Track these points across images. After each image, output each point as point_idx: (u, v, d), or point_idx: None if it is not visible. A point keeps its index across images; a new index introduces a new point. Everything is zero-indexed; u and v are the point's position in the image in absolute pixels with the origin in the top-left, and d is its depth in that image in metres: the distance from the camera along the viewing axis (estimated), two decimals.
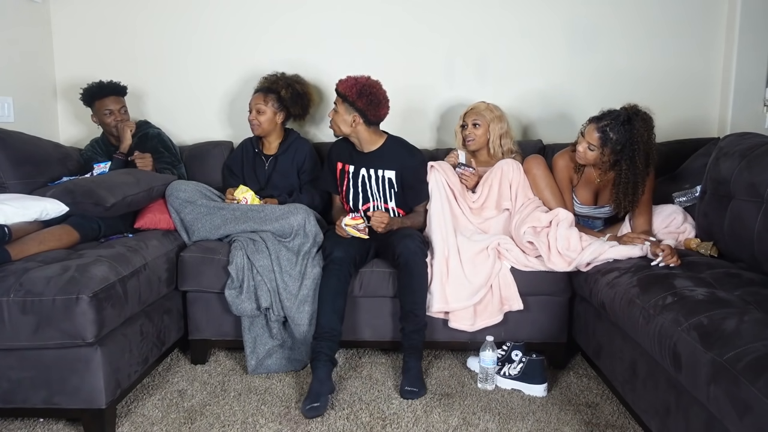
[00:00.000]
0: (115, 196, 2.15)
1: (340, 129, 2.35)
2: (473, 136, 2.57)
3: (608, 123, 2.15)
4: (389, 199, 2.42)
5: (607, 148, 2.16)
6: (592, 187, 2.38)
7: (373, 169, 2.40)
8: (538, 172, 2.36)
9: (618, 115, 2.16)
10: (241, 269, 2.21)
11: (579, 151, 2.25)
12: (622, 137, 2.13)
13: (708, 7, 2.88)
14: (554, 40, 2.93)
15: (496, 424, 1.89)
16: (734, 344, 1.30)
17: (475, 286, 2.21)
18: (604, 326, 2.02)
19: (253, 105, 2.63)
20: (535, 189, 2.38)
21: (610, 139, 2.14)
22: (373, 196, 2.43)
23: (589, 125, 2.21)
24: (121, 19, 2.99)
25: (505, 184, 2.37)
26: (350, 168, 2.44)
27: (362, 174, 2.42)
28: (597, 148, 2.18)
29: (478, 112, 2.57)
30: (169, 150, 2.71)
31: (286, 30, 2.97)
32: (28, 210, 2.03)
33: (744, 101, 2.84)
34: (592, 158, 2.22)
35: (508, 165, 2.39)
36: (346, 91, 2.27)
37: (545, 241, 2.19)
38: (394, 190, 2.41)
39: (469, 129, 2.58)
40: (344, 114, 2.30)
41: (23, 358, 1.73)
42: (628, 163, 2.16)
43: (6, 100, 2.68)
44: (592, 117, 2.23)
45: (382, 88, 2.33)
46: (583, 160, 2.26)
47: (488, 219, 2.41)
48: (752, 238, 1.86)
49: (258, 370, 2.22)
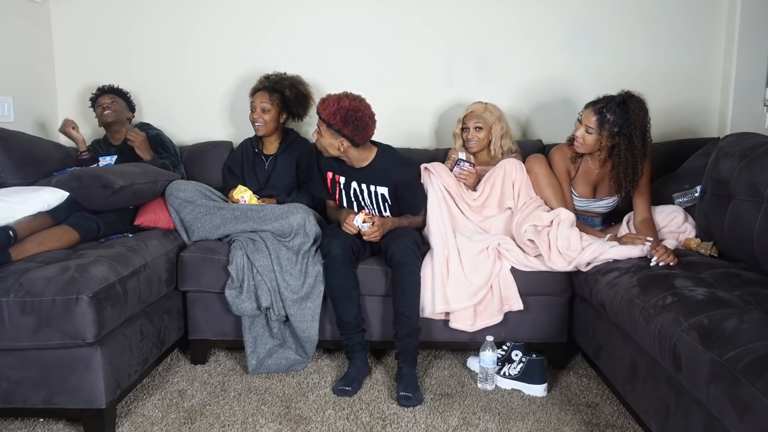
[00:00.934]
0: (123, 180, 2.15)
1: (328, 152, 2.24)
2: (476, 139, 2.56)
3: (604, 105, 2.21)
4: (384, 211, 2.38)
5: (605, 130, 2.21)
6: (591, 180, 2.40)
7: (365, 184, 2.32)
8: (540, 171, 2.37)
9: (613, 98, 2.22)
10: (241, 269, 2.21)
11: (577, 137, 2.28)
12: (619, 118, 2.18)
13: (708, 7, 2.88)
14: (554, 40, 2.93)
15: (496, 424, 1.89)
16: (734, 344, 1.30)
17: (475, 286, 2.20)
18: (604, 326, 2.02)
19: (257, 104, 2.62)
20: (536, 188, 2.38)
21: (608, 120, 2.19)
22: (367, 207, 2.39)
23: (586, 110, 2.27)
24: (121, 19, 2.99)
25: (507, 182, 2.37)
26: (341, 179, 2.38)
27: (353, 187, 2.35)
28: (595, 130, 2.22)
29: (478, 115, 2.56)
30: (168, 150, 2.71)
31: (286, 29, 2.97)
32: (28, 204, 2.03)
33: (744, 101, 2.85)
34: (591, 142, 2.25)
35: (510, 164, 2.38)
36: (330, 119, 2.13)
37: (546, 240, 2.19)
38: (388, 203, 2.36)
39: (471, 132, 2.56)
40: (330, 139, 2.19)
41: (23, 358, 1.73)
42: (626, 143, 2.20)
43: (6, 100, 2.68)
44: (588, 102, 2.29)
45: (366, 106, 2.20)
46: (582, 146, 2.28)
47: (489, 217, 2.40)
48: (752, 238, 1.86)
49: (258, 369, 2.22)
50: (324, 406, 1.99)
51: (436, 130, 3.03)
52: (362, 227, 2.23)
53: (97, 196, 2.14)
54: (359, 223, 2.23)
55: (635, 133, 2.18)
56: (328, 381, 2.19)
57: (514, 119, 2.94)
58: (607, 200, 2.41)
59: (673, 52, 2.91)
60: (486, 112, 2.57)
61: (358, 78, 2.95)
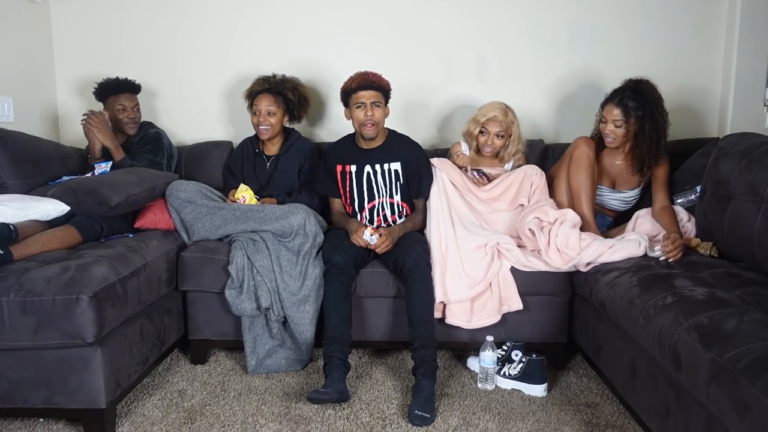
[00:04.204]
0: (119, 196, 2.14)
1: (379, 126, 2.39)
2: (494, 146, 2.49)
3: (621, 96, 2.27)
4: (395, 193, 2.44)
5: (631, 118, 2.26)
6: (612, 173, 2.45)
7: (378, 164, 2.43)
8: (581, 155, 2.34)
9: (624, 87, 2.30)
10: (241, 269, 2.21)
11: (608, 135, 2.32)
12: (640, 102, 2.25)
13: (708, 7, 2.88)
14: (555, 40, 2.93)
15: (496, 424, 1.89)
16: (734, 344, 1.30)
17: (472, 279, 2.20)
18: (604, 326, 2.02)
19: (262, 107, 2.58)
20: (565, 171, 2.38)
21: (631, 107, 2.25)
22: (379, 192, 2.44)
23: (606, 107, 2.31)
24: (121, 19, 2.99)
25: (526, 183, 2.39)
26: (352, 168, 2.45)
27: (367, 171, 2.44)
28: (623, 122, 2.27)
29: (500, 122, 2.45)
30: (156, 153, 2.64)
31: (287, 29, 2.97)
32: (29, 211, 2.03)
33: (744, 101, 2.84)
34: (622, 134, 2.30)
35: (532, 169, 2.42)
36: (387, 86, 2.39)
37: (546, 235, 2.21)
38: (400, 182, 2.43)
39: (491, 138, 2.47)
40: (385, 108, 2.39)
41: (23, 358, 1.73)
42: (650, 123, 2.26)
43: (6, 100, 2.68)
44: (603, 101, 2.35)
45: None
46: (615, 141, 2.32)
47: (497, 211, 2.41)
48: (752, 238, 1.86)
49: (258, 370, 2.22)
50: (324, 406, 1.99)
51: (437, 128, 3.03)
52: (370, 240, 2.24)
53: (94, 211, 2.15)
54: (368, 237, 2.24)
55: (657, 110, 2.27)
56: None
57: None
58: (626, 193, 2.43)
59: (673, 52, 2.91)
60: (508, 120, 2.47)
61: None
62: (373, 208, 2.45)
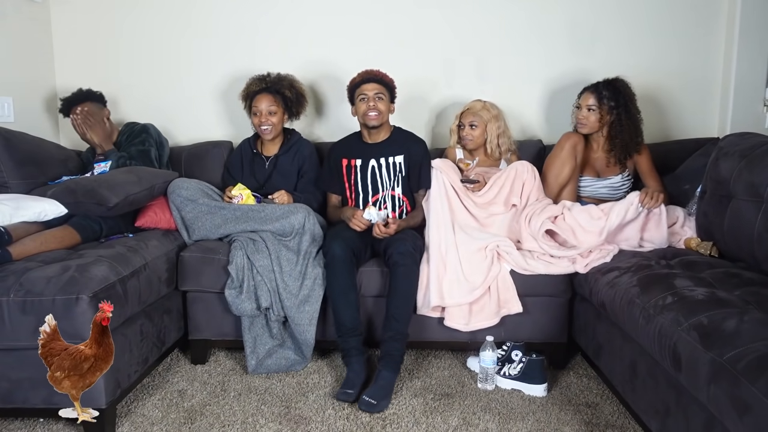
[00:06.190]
0: (117, 196, 2.13)
1: (384, 118, 2.47)
2: (470, 137, 2.59)
3: (596, 85, 2.47)
4: (396, 186, 2.48)
5: (604, 105, 2.43)
6: (594, 164, 2.54)
7: (383, 158, 2.49)
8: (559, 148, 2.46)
9: (600, 81, 2.48)
10: (241, 269, 2.21)
11: (580, 120, 2.48)
12: (614, 92, 2.43)
13: (708, 7, 2.88)
14: (555, 40, 2.93)
15: (496, 424, 1.89)
16: (734, 344, 1.30)
17: (471, 284, 2.20)
18: (604, 326, 2.02)
19: (263, 107, 2.58)
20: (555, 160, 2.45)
21: (605, 96, 2.43)
22: (383, 185, 2.48)
23: (583, 94, 2.50)
24: (121, 20, 2.99)
25: (518, 182, 2.39)
26: (357, 162, 2.50)
27: (372, 165, 2.49)
28: (596, 107, 2.44)
29: (474, 113, 2.59)
30: (144, 141, 2.60)
31: (286, 28, 2.97)
32: (25, 211, 2.03)
33: (744, 101, 2.84)
34: (594, 120, 2.46)
35: (523, 166, 2.41)
36: (391, 82, 2.48)
37: (566, 225, 2.24)
38: (402, 175, 2.48)
39: (466, 130, 2.60)
40: (389, 102, 2.48)
41: (23, 358, 1.72)
42: (625, 113, 2.43)
43: (6, 100, 2.68)
44: (582, 89, 2.52)
45: None
46: (586, 126, 2.47)
47: (494, 215, 2.41)
48: (752, 238, 1.86)
49: (258, 370, 2.22)
50: (324, 406, 1.99)
51: (433, 128, 3.03)
52: (372, 218, 2.25)
53: (92, 211, 2.15)
54: (369, 216, 2.25)
55: (630, 104, 2.44)
56: (328, 381, 2.19)
57: (515, 119, 2.94)
58: (612, 179, 2.50)
59: (673, 52, 2.91)
60: (483, 110, 2.59)
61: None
62: (377, 202, 2.47)
